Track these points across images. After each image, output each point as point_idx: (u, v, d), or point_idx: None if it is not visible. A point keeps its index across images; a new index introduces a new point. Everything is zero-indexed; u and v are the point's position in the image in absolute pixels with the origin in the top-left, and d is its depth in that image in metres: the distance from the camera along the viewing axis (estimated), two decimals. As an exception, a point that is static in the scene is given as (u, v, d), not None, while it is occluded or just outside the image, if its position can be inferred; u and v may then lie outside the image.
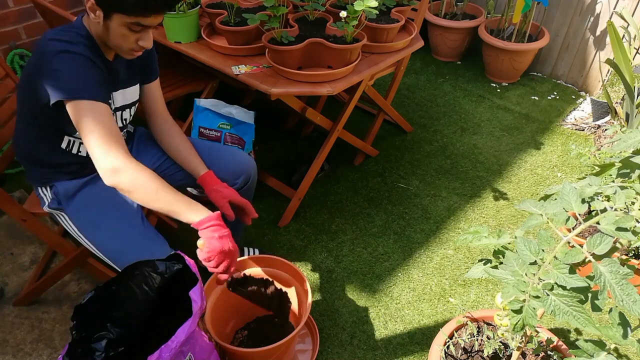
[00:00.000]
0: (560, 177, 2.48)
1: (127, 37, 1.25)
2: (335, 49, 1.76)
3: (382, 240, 2.11)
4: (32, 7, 2.33)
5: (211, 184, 1.50)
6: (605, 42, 2.97)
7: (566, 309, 0.89)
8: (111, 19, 1.21)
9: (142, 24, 1.22)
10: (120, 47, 1.28)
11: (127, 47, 1.28)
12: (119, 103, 1.42)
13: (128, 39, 1.25)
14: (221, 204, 1.47)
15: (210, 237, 1.21)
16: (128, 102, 1.46)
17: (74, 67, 1.21)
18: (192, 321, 1.09)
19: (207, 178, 1.51)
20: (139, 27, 1.23)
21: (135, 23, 1.21)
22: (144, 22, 1.22)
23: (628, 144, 1.03)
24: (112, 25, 1.22)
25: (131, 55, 1.31)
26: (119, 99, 1.41)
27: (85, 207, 1.42)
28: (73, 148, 1.40)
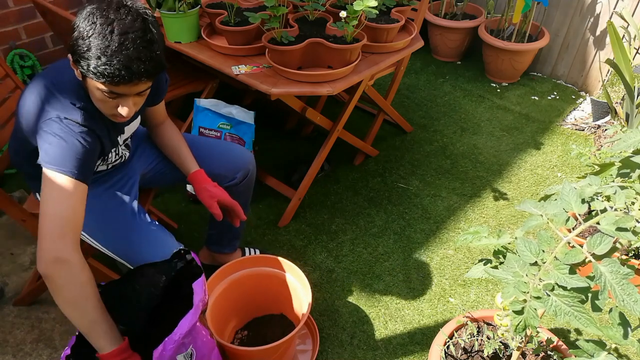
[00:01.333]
0: (560, 177, 2.48)
1: (105, 102, 1.14)
2: (335, 49, 1.76)
3: (382, 240, 2.11)
4: (32, 7, 2.33)
5: (201, 182, 1.48)
6: (605, 42, 2.97)
7: (567, 309, 0.89)
8: (87, 82, 1.13)
9: (115, 92, 1.11)
10: (102, 110, 1.18)
11: (108, 112, 1.18)
12: (125, 136, 1.40)
13: (107, 104, 1.15)
14: (209, 204, 1.45)
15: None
16: (132, 132, 1.42)
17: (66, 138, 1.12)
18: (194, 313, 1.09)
19: (197, 176, 1.49)
20: (114, 95, 1.12)
21: (108, 91, 1.10)
22: (116, 90, 1.10)
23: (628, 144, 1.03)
24: (90, 88, 1.13)
25: (115, 119, 1.21)
26: (126, 133, 1.39)
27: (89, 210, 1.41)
28: None
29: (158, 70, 1.13)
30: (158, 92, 1.46)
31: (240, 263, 1.62)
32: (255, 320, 1.73)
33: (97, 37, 1.04)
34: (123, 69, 1.05)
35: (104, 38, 1.04)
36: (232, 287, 1.61)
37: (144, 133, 1.63)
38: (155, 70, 1.12)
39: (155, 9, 1.97)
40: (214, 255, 1.89)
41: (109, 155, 1.35)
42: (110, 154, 1.35)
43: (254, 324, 1.72)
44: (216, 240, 1.84)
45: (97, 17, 1.05)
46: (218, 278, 1.58)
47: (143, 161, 1.58)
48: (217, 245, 1.85)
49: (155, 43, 1.11)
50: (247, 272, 1.63)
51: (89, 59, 1.05)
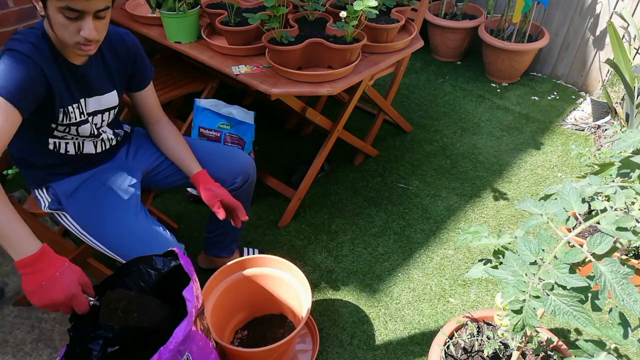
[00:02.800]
0: (560, 177, 2.48)
1: (66, 27, 1.16)
2: (335, 49, 1.76)
3: (382, 240, 2.11)
4: (32, 7, 2.33)
5: (204, 182, 1.49)
6: (605, 42, 2.97)
7: (566, 309, 0.89)
8: (47, 7, 1.15)
9: (73, 7, 1.13)
10: (65, 41, 1.20)
11: (71, 40, 1.19)
12: (91, 109, 1.38)
13: (67, 29, 1.17)
14: (212, 203, 1.46)
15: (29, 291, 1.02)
16: (102, 108, 1.41)
17: (8, 64, 1.15)
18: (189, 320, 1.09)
19: (200, 177, 1.50)
20: (75, 13, 1.14)
21: (65, 7, 1.12)
22: (73, 5, 1.12)
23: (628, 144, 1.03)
24: (50, 15, 1.15)
25: (81, 50, 1.21)
26: (91, 104, 1.37)
27: (87, 205, 1.41)
28: (60, 148, 1.39)
29: None
30: (141, 75, 1.48)
31: (240, 263, 1.62)
32: (255, 320, 1.73)
33: None
34: None
35: None
36: (232, 287, 1.61)
37: (144, 134, 1.63)
38: None
39: (155, 9, 1.97)
40: (212, 260, 1.89)
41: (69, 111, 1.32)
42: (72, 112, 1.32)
43: (254, 324, 1.72)
44: (214, 244, 1.84)
45: None
46: (218, 279, 1.58)
47: (145, 160, 1.58)
48: (215, 249, 1.85)
49: None
50: (247, 272, 1.63)
51: None
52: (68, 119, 1.32)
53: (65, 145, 1.39)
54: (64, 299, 1.04)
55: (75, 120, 1.34)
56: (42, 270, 1.03)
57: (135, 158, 1.57)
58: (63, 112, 1.30)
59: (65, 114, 1.31)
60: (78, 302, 1.06)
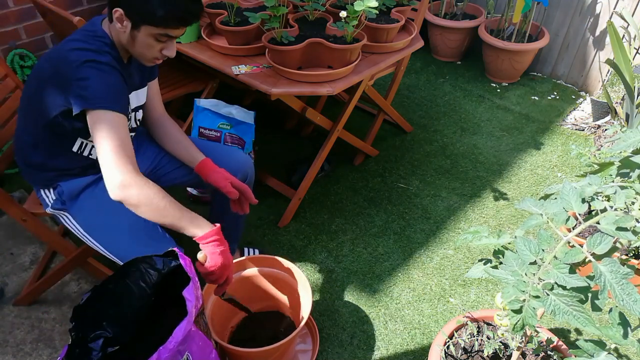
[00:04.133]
0: (560, 177, 2.48)
1: (153, 47, 1.28)
2: (335, 49, 1.76)
3: (382, 240, 2.11)
4: (32, 7, 2.33)
5: (211, 167, 1.51)
6: (605, 42, 2.97)
7: (566, 308, 0.89)
8: (139, 30, 1.24)
9: (170, 35, 1.27)
10: (143, 55, 1.31)
11: (150, 56, 1.31)
12: (134, 104, 1.43)
13: (153, 48, 1.29)
14: (223, 184, 1.48)
15: (212, 252, 1.24)
16: (141, 103, 1.48)
17: (101, 77, 1.22)
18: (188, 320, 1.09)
19: (206, 164, 1.52)
20: (166, 38, 1.27)
21: (163, 34, 1.25)
22: (172, 33, 1.26)
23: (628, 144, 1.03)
24: (139, 36, 1.25)
25: (152, 63, 1.34)
26: (134, 100, 1.42)
27: (90, 207, 1.41)
28: (84, 151, 1.40)
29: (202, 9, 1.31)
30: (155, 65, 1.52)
31: (240, 263, 1.62)
32: (256, 320, 1.72)
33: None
34: (186, 10, 1.23)
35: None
36: (232, 287, 1.60)
37: (144, 133, 1.63)
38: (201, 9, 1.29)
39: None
40: None
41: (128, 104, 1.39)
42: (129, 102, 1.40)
43: (254, 324, 1.71)
44: None
45: None
46: (218, 278, 1.58)
47: (144, 161, 1.58)
48: None
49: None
50: (247, 272, 1.63)
51: (154, 6, 1.19)
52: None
53: (91, 148, 1.41)
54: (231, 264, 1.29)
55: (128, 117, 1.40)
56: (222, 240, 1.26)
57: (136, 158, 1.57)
58: None
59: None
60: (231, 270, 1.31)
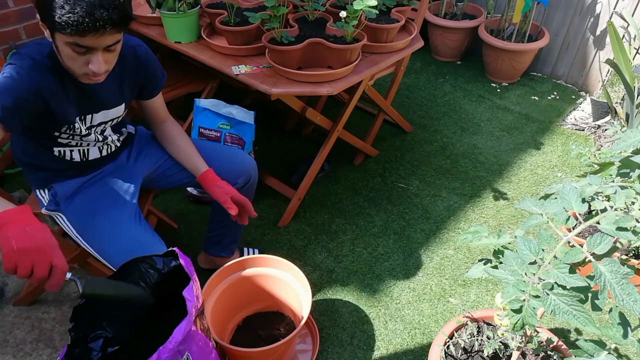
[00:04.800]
0: (560, 177, 2.48)
1: (75, 59, 1.13)
2: (335, 49, 1.76)
3: (382, 240, 2.11)
4: (32, 7, 2.33)
5: (212, 180, 1.50)
6: (605, 42, 2.97)
7: (566, 308, 0.89)
8: (55, 39, 1.11)
9: (81, 44, 1.09)
10: (73, 71, 1.18)
11: (78, 71, 1.17)
12: (97, 121, 1.37)
13: (76, 61, 1.14)
14: (223, 199, 1.47)
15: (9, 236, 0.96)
16: (108, 119, 1.40)
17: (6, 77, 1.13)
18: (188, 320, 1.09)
19: (208, 175, 1.51)
20: (83, 49, 1.11)
21: (74, 43, 1.09)
22: (82, 42, 1.09)
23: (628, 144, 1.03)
24: (59, 46, 1.12)
25: (88, 79, 1.20)
26: (98, 118, 1.36)
27: (83, 209, 1.41)
28: (65, 155, 1.39)
29: (123, 19, 1.10)
30: (153, 85, 1.47)
31: (240, 263, 1.62)
32: (256, 320, 1.72)
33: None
34: (86, 16, 1.04)
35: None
36: (232, 287, 1.61)
37: (147, 135, 1.62)
38: (119, 18, 1.09)
39: (155, 9, 1.97)
40: (212, 259, 1.89)
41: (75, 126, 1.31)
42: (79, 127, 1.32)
43: (254, 324, 1.71)
44: (214, 244, 1.84)
45: None
46: (218, 279, 1.58)
47: (147, 163, 1.58)
48: (215, 249, 1.85)
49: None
50: (247, 272, 1.63)
51: (54, 10, 1.04)
52: (72, 131, 1.32)
53: (70, 153, 1.39)
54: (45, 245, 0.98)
55: (80, 133, 1.35)
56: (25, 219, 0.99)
57: (136, 161, 1.57)
58: (67, 126, 1.30)
59: (69, 128, 1.31)
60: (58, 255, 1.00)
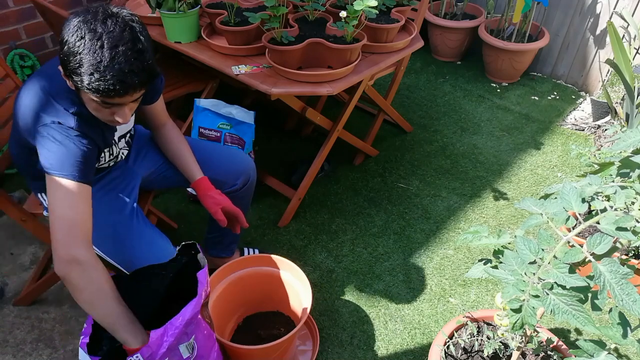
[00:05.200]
0: (560, 177, 2.48)
1: (100, 111, 1.15)
2: (335, 49, 1.76)
3: (382, 240, 2.11)
4: (32, 7, 2.33)
5: (205, 189, 1.49)
6: (605, 42, 2.97)
7: (565, 307, 0.89)
8: (80, 92, 1.13)
9: (110, 102, 1.11)
10: (98, 117, 1.19)
11: (104, 119, 1.19)
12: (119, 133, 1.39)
13: (101, 112, 1.16)
14: (213, 210, 1.46)
15: None
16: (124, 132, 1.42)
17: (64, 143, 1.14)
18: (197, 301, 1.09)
19: (202, 183, 1.50)
20: (109, 105, 1.13)
21: (102, 102, 1.11)
22: (110, 101, 1.11)
23: (628, 144, 1.03)
24: (84, 98, 1.14)
25: (112, 124, 1.21)
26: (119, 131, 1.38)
27: None
28: None
29: (151, 79, 1.12)
30: (153, 92, 1.47)
31: (240, 263, 1.62)
32: (256, 319, 1.73)
33: (87, 54, 1.03)
34: (117, 83, 1.05)
35: (95, 54, 1.03)
36: (232, 286, 1.61)
37: (147, 136, 1.62)
38: (148, 79, 1.11)
39: (155, 9, 1.97)
40: (212, 260, 1.89)
41: (102, 154, 1.35)
42: (103, 153, 1.35)
43: (254, 323, 1.72)
44: (215, 244, 1.84)
45: (85, 32, 1.03)
46: (218, 278, 1.58)
47: (146, 164, 1.58)
48: (215, 249, 1.86)
49: (146, 52, 1.10)
50: (247, 271, 1.63)
51: (82, 74, 1.05)
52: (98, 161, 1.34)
53: None
54: None
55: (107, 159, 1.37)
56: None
57: (136, 161, 1.57)
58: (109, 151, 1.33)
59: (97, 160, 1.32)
60: None
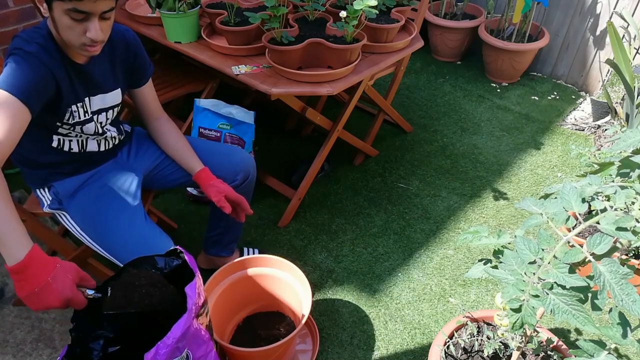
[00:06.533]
0: (561, 177, 2.48)
1: (73, 28, 1.18)
2: (335, 49, 1.76)
3: (382, 240, 2.11)
4: (32, 7, 2.33)
5: (207, 179, 1.51)
6: (605, 42, 2.97)
7: (565, 307, 0.89)
8: (52, 9, 1.16)
9: (79, 9, 1.14)
10: (70, 42, 1.21)
11: (77, 42, 1.20)
12: (95, 107, 1.38)
13: (74, 30, 1.18)
14: (217, 198, 1.48)
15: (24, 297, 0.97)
16: (107, 106, 1.42)
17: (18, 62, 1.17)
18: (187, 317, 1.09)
19: (203, 174, 1.52)
20: (81, 15, 1.15)
21: (72, 9, 1.14)
22: (80, 7, 1.14)
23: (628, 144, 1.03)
24: (56, 17, 1.17)
25: (86, 51, 1.23)
26: (96, 103, 1.38)
27: (87, 206, 1.42)
28: (64, 146, 1.39)
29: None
30: (142, 71, 1.49)
31: (240, 263, 1.62)
32: (256, 320, 1.73)
33: None
34: None
35: None
36: (232, 287, 1.61)
37: (145, 133, 1.63)
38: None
39: (155, 9, 1.97)
40: (212, 259, 1.89)
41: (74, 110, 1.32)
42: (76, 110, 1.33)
43: (254, 324, 1.71)
44: (214, 244, 1.85)
45: None
46: (218, 279, 1.58)
47: (146, 160, 1.58)
48: (215, 249, 1.86)
49: None
50: (247, 272, 1.63)
51: None
52: (73, 118, 1.33)
53: (69, 143, 1.40)
54: (59, 304, 0.99)
55: (80, 119, 1.35)
56: (33, 277, 0.97)
57: (136, 158, 1.57)
58: (69, 111, 1.31)
59: (70, 113, 1.32)
60: (75, 302, 1.03)
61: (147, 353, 1.01)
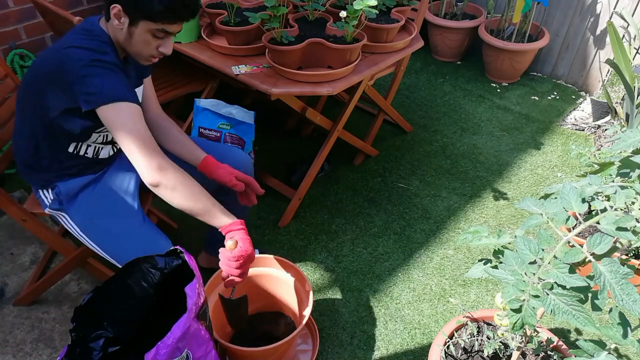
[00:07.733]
0: (561, 177, 2.48)
1: (149, 43, 1.28)
2: (335, 49, 1.76)
3: (382, 240, 2.11)
4: (32, 7, 2.33)
5: (214, 165, 1.51)
6: (605, 42, 2.97)
7: (565, 308, 0.89)
8: (137, 26, 1.24)
9: (167, 30, 1.26)
10: (140, 53, 1.30)
11: (147, 54, 1.31)
12: None
13: (149, 45, 1.28)
14: (228, 179, 1.48)
15: (243, 238, 1.27)
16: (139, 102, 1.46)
17: (108, 75, 1.22)
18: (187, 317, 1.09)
19: (209, 161, 1.52)
20: (163, 34, 1.27)
21: (160, 30, 1.25)
22: (169, 28, 1.26)
23: (628, 144, 1.03)
24: (137, 32, 1.25)
25: (149, 61, 1.34)
26: None
27: (87, 207, 1.42)
28: (80, 150, 1.40)
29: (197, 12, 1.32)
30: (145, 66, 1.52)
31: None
32: (256, 319, 1.72)
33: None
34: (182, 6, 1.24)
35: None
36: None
37: None
38: (197, 10, 1.31)
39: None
40: (212, 259, 1.89)
41: None
42: None
43: (254, 324, 1.71)
44: (215, 242, 1.84)
45: None
46: (219, 278, 1.58)
47: None
48: (215, 248, 1.85)
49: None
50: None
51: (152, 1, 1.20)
52: None
53: (86, 148, 1.41)
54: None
55: None
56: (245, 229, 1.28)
57: None
58: None
59: None
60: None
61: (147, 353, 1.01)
